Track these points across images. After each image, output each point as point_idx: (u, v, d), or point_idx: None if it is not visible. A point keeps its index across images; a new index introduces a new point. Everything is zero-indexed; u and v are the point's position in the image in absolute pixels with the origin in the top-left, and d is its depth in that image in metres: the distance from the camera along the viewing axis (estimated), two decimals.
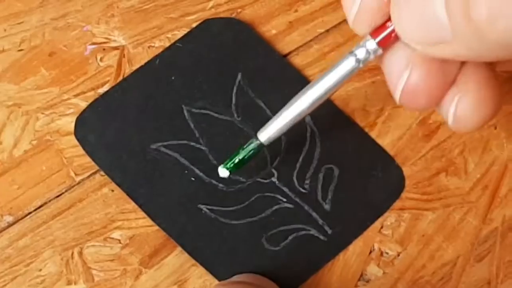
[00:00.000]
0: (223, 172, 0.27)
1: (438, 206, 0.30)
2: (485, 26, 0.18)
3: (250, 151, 0.26)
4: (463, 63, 0.24)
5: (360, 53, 0.22)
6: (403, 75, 0.23)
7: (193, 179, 0.30)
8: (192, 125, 0.31)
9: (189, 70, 0.32)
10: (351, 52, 0.23)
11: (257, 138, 0.26)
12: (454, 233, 0.30)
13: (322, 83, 0.24)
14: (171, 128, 0.31)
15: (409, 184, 0.31)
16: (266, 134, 0.26)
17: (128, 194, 0.30)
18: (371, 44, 0.22)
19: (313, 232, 0.30)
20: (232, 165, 0.27)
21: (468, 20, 0.18)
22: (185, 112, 0.31)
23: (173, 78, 0.32)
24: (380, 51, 0.22)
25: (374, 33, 0.22)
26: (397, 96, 0.23)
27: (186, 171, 0.30)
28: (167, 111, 0.31)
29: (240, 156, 0.27)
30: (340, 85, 0.24)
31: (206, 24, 0.33)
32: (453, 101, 0.23)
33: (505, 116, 0.32)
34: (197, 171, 0.30)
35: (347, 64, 0.23)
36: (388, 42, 0.22)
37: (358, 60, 0.23)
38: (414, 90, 0.23)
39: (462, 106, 0.23)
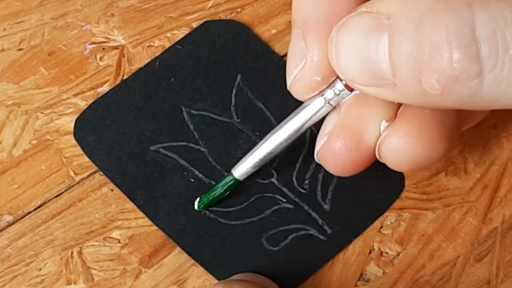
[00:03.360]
0: (196, 203, 0.29)
1: (438, 206, 0.30)
2: (434, 97, 0.18)
3: (226, 187, 0.28)
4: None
5: (329, 94, 0.23)
6: (322, 139, 0.24)
7: (192, 180, 0.30)
8: (191, 127, 0.31)
9: (188, 72, 0.32)
10: (321, 93, 0.23)
11: (232, 175, 0.28)
12: (454, 232, 0.30)
13: (292, 123, 0.25)
14: (170, 130, 0.31)
15: (408, 183, 0.31)
16: (240, 170, 0.27)
17: (127, 195, 0.30)
18: (340, 85, 0.23)
19: (312, 232, 0.30)
20: (206, 202, 0.29)
21: (417, 85, 0.18)
22: (184, 113, 0.31)
23: (172, 80, 0.32)
24: (347, 92, 0.23)
25: None
26: (315, 155, 0.25)
27: (185, 173, 0.30)
28: (167, 113, 0.31)
29: (216, 193, 0.29)
30: (310, 124, 0.25)
31: (206, 26, 0.33)
32: (381, 137, 0.23)
33: (505, 116, 0.32)
34: (196, 172, 0.30)
35: (316, 105, 0.24)
36: None
37: (327, 101, 0.23)
38: (326, 157, 0.24)
39: (386, 144, 0.23)
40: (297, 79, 0.23)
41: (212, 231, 0.29)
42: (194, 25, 0.33)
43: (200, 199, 0.29)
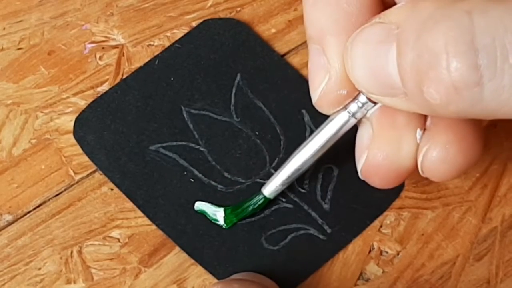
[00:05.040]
0: (221, 218, 0.29)
1: (437, 205, 0.30)
2: (436, 106, 0.18)
3: (256, 206, 0.29)
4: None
5: (353, 107, 0.23)
6: (362, 155, 0.23)
7: (192, 180, 0.30)
8: (191, 126, 0.31)
9: (188, 71, 0.32)
10: (345, 107, 0.23)
11: (262, 193, 0.28)
12: (453, 232, 0.30)
13: (318, 139, 0.25)
14: (170, 129, 0.31)
15: (408, 183, 0.31)
16: (270, 188, 0.28)
17: (127, 195, 0.30)
18: (363, 98, 0.23)
19: (312, 231, 0.30)
20: (235, 220, 0.29)
21: (420, 95, 0.18)
22: (184, 113, 0.31)
23: (172, 79, 0.32)
24: (371, 104, 0.23)
25: None
26: (359, 172, 0.24)
27: (185, 172, 0.30)
28: (166, 112, 0.31)
29: (247, 212, 0.29)
30: (336, 139, 0.25)
31: (205, 25, 0.33)
32: (421, 151, 0.23)
33: None
34: (196, 172, 0.30)
35: (341, 119, 0.24)
36: None
37: (351, 114, 0.23)
38: (371, 171, 0.24)
39: (429, 158, 0.23)
40: (322, 94, 0.23)
41: (212, 231, 0.29)
42: (194, 24, 0.33)
43: (226, 216, 0.29)
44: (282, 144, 0.31)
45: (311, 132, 0.31)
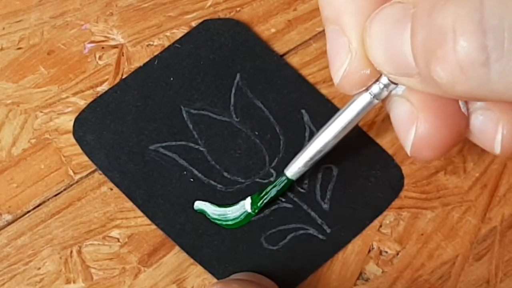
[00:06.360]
0: (248, 206, 0.29)
1: (437, 205, 0.30)
2: (443, 86, 0.18)
3: (280, 188, 0.29)
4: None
5: (375, 89, 0.23)
6: (410, 130, 0.23)
7: (191, 179, 0.30)
8: (190, 126, 0.31)
9: (187, 71, 0.32)
10: (367, 89, 0.23)
11: (284, 175, 0.28)
12: (453, 232, 0.30)
13: (340, 120, 0.25)
14: (169, 129, 0.31)
15: (408, 183, 0.31)
16: (292, 170, 0.28)
17: (126, 195, 0.30)
18: (384, 79, 0.22)
19: (312, 231, 0.30)
20: (260, 204, 0.29)
21: (429, 75, 0.18)
22: (183, 113, 0.31)
23: (171, 79, 0.32)
24: (393, 86, 0.22)
25: None
26: (408, 151, 0.23)
27: (184, 172, 0.30)
28: (166, 112, 0.31)
29: (271, 195, 0.29)
30: (358, 120, 0.25)
31: (205, 25, 0.33)
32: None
33: None
34: (195, 171, 0.30)
35: (363, 101, 0.24)
36: None
37: (372, 95, 0.23)
38: (423, 145, 0.23)
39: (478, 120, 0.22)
40: (345, 75, 0.22)
41: (211, 231, 0.29)
42: (193, 24, 0.33)
43: (252, 202, 0.29)
44: (282, 144, 0.31)
45: (311, 132, 0.31)
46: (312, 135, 0.31)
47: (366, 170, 0.31)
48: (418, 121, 0.22)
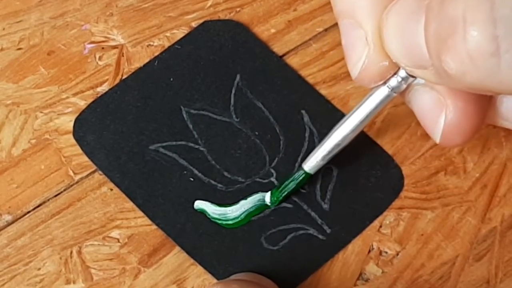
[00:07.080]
0: (268, 199, 0.30)
1: (437, 205, 0.30)
2: (454, 77, 0.18)
3: (298, 181, 0.29)
4: None
5: (393, 82, 0.23)
6: (438, 119, 0.23)
7: (191, 179, 0.30)
8: (190, 126, 0.31)
9: (187, 72, 0.32)
10: (384, 82, 0.23)
11: (302, 169, 0.28)
12: (453, 232, 0.30)
13: (358, 114, 0.25)
14: (169, 129, 0.31)
15: (408, 183, 0.31)
16: (310, 164, 0.28)
17: (126, 195, 0.30)
18: (402, 72, 0.22)
19: (312, 231, 0.30)
20: (280, 198, 0.29)
21: (440, 65, 0.18)
22: (183, 113, 0.31)
23: (171, 79, 0.32)
24: (411, 79, 0.22)
25: None
26: (437, 139, 0.23)
27: (184, 172, 0.30)
28: (166, 112, 0.31)
29: (290, 189, 0.29)
30: (375, 114, 0.25)
31: (205, 26, 0.33)
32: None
33: None
34: (195, 171, 0.30)
35: (381, 94, 0.24)
36: None
37: (390, 89, 0.23)
38: (453, 132, 0.23)
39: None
40: (364, 68, 0.22)
41: (211, 231, 0.29)
42: (194, 24, 0.33)
43: (272, 195, 0.29)
44: (282, 144, 0.31)
45: (311, 132, 0.31)
46: (312, 135, 0.31)
47: (366, 171, 0.31)
48: (447, 108, 0.22)
